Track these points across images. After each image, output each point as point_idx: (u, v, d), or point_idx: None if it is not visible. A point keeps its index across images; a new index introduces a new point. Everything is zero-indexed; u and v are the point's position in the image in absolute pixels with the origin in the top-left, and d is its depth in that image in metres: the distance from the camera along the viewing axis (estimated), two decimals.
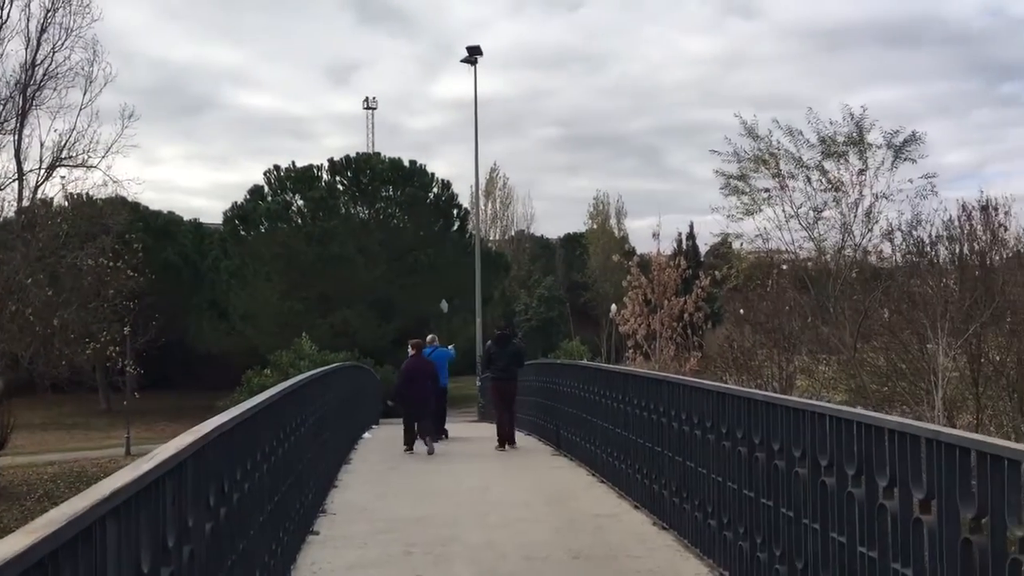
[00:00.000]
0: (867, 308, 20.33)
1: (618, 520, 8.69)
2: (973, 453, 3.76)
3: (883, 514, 4.43)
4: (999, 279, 20.64)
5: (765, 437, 5.98)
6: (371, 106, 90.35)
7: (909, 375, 21.23)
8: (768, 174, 20.27)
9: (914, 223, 21.63)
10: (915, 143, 19.33)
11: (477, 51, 28.83)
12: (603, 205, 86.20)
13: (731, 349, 19.53)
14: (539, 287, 69.43)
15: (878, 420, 4.60)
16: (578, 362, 12.94)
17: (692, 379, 8.22)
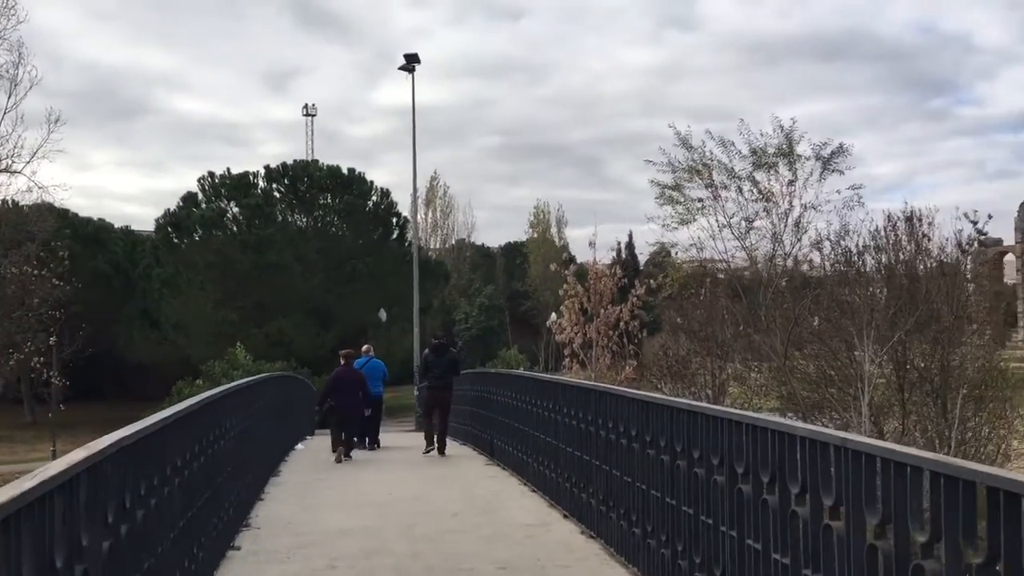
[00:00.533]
0: (797, 316, 20.74)
1: (547, 530, 8.67)
2: (878, 460, 3.81)
3: (795, 521, 4.47)
4: (923, 288, 21.22)
5: (686, 445, 6.01)
6: (310, 113, 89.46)
7: (838, 382, 21.69)
8: (702, 184, 20.63)
9: (842, 233, 22.16)
10: (842, 155, 19.86)
11: (415, 59, 28.69)
12: (544, 214, 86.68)
13: (666, 357, 19.74)
14: (479, 296, 69.38)
15: (790, 428, 4.65)
16: (510, 371, 12.94)
17: (616, 387, 8.25)
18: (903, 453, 3.68)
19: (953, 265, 21.42)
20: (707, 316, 19.78)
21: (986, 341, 22.19)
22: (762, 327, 20.62)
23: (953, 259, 21.59)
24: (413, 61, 28.75)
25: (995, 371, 21.63)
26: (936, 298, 21.81)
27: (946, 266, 21.16)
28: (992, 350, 21.69)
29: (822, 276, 23.31)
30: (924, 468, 3.48)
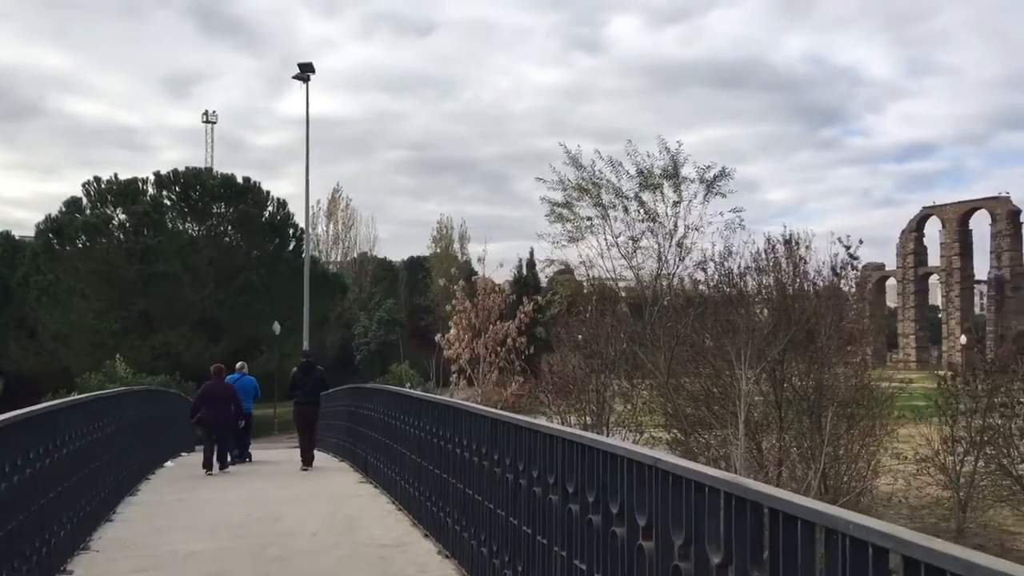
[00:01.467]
0: (680, 334, 21.12)
1: (405, 550, 8.48)
2: (684, 481, 3.80)
3: (614, 541, 4.44)
4: (799, 309, 21.90)
5: (527, 464, 5.95)
6: (210, 120, 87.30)
7: (720, 399, 22.15)
8: (591, 203, 20.84)
9: (726, 254, 22.69)
10: (725, 178, 20.40)
11: (309, 68, 28.24)
12: (447, 229, 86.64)
13: (551, 375, 19.81)
14: (379, 310, 68.57)
15: (611, 447, 4.62)
16: (380, 386, 12.73)
17: (467, 404, 8.14)
18: (700, 473, 3.67)
19: (829, 287, 22.19)
20: (593, 333, 19.97)
21: (858, 360, 23.04)
22: (647, 345, 20.92)
23: (828, 281, 22.35)
24: (307, 71, 28.28)
25: (866, 390, 22.49)
26: (812, 319, 22.59)
27: (820, 288, 21.90)
28: (863, 369, 22.52)
29: (705, 296, 23.83)
30: (720, 489, 3.49)
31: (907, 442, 23.72)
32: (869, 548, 2.61)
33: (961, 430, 21.41)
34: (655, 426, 23.09)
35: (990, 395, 20.77)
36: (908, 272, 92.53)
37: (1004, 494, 21.83)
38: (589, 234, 20.94)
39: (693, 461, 17.62)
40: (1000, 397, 21.13)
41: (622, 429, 20.15)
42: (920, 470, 22.01)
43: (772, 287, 23.35)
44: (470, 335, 20.63)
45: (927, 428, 22.86)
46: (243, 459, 17.21)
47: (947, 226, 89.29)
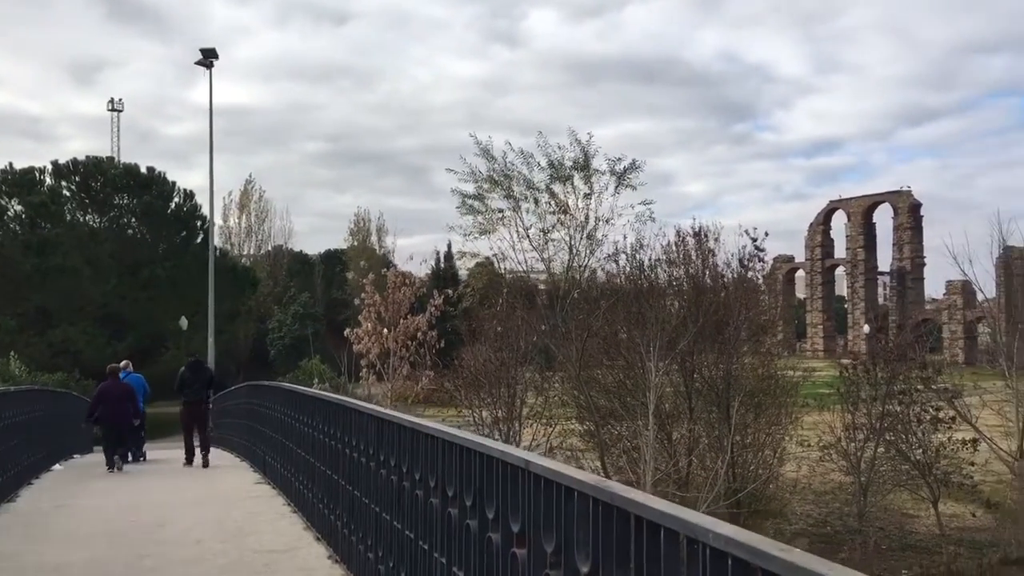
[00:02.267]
0: (591, 327, 21.13)
1: (293, 556, 8.11)
2: (554, 485, 3.58)
3: (490, 547, 4.21)
4: (708, 300, 22.19)
5: (411, 465, 5.67)
6: (116, 108, 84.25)
7: (632, 391, 22.26)
8: (501, 195, 20.62)
9: (637, 246, 22.82)
10: (635, 171, 20.43)
11: (212, 54, 27.22)
12: (364, 222, 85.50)
13: (461, 368, 19.56)
14: (294, 304, 67.15)
15: (486, 448, 4.37)
16: (276, 383, 12.30)
17: (356, 402, 7.81)
18: (569, 477, 3.45)
19: (737, 279, 22.51)
20: (503, 326, 19.79)
21: (765, 351, 23.48)
22: (559, 337, 20.86)
23: (736, 274, 22.68)
24: (210, 56, 27.27)
25: (772, 379, 22.94)
26: (720, 310, 22.89)
27: (728, 280, 22.20)
28: (770, 359, 22.94)
29: (616, 288, 23.92)
30: (588, 494, 3.27)
31: (813, 429, 24.31)
32: (729, 560, 2.42)
33: (862, 417, 22.02)
34: (568, 418, 23.10)
35: (888, 383, 21.40)
36: (816, 264, 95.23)
37: (903, 479, 22.55)
38: (501, 226, 20.74)
39: (605, 453, 17.53)
40: (899, 384, 21.80)
41: (532, 422, 20.03)
42: (823, 456, 22.57)
43: (683, 279, 23.62)
44: (380, 329, 20.23)
45: (830, 416, 23.45)
46: (137, 459, 17.44)
47: (852, 219, 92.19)
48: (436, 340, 19.50)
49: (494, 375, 19.34)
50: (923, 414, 21.11)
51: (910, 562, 23.73)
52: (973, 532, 25.70)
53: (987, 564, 22.95)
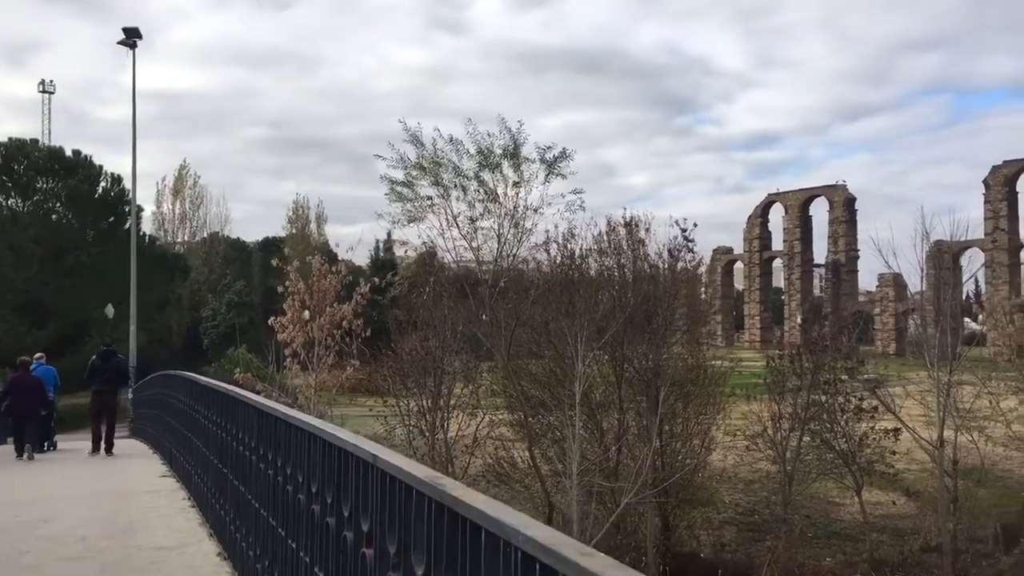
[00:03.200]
0: (520, 316, 20.97)
1: (182, 553, 7.75)
2: (397, 482, 3.34)
3: (345, 545, 3.96)
4: (638, 290, 22.19)
5: (284, 459, 5.39)
6: (48, 90, 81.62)
7: (563, 380, 22.16)
8: (430, 182, 20.31)
9: (568, 236, 22.70)
10: (565, 159, 20.26)
11: (136, 34, 26.27)
12: (303, 210, 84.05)
13: (387, 358, 19.25)
14: (228, 292, 65.82)
15: (341, 441, 4.10)
16: (181, 373, 11.89)
17: (243, 392, 7.46)
18: (409, 473, 3.21)
19: (666, 270, 22.54)
20: (430, 316, 19.51)
21: (694, 341, 23.60)
22: (487, 327, 20.66)
23: (666, 264, 22.71)
24: (134, 36, 26.34)
25: (700, 369, 23.06)
26: (650, 300, 22.92)
27: (658, 270, 22.22)
28: (698, 349, 23.05)
29: (548, 276, 23.79)
30: (425, 493, 3.03)
31: (745, 419, 24.55)
32: (536, 565, 2.21)
33: (788, 407, 22.27)
34: (496, 408, 22.94)
35: (814, 373, 21.66)
36: (754, 256, 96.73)
37: (827, 467, 22.88)
38: (431, 214, 20.41)
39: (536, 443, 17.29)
40: (824, 375, 22.08)
41: (459, 412, 19.81)
42: (748, 446, 22.79)
43: (613, 268, 23.59)
44: (304, 317, 19.74)
45: (758, 405, 23.69)
46: (47, 448, 17.63)
47: (789, 212, 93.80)
48: (363, 329, 19.09)
49: (420, 364, 19.06)
50: (847, 404, 21.40)
51: (835, 550, 24.13)
52: (896, 520, 26.25)
53: (908, 551, 23.45)
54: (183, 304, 60.13)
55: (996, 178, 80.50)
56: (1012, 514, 25.68)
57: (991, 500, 27.11)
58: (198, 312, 67.07)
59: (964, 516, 23.19)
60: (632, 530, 22.09)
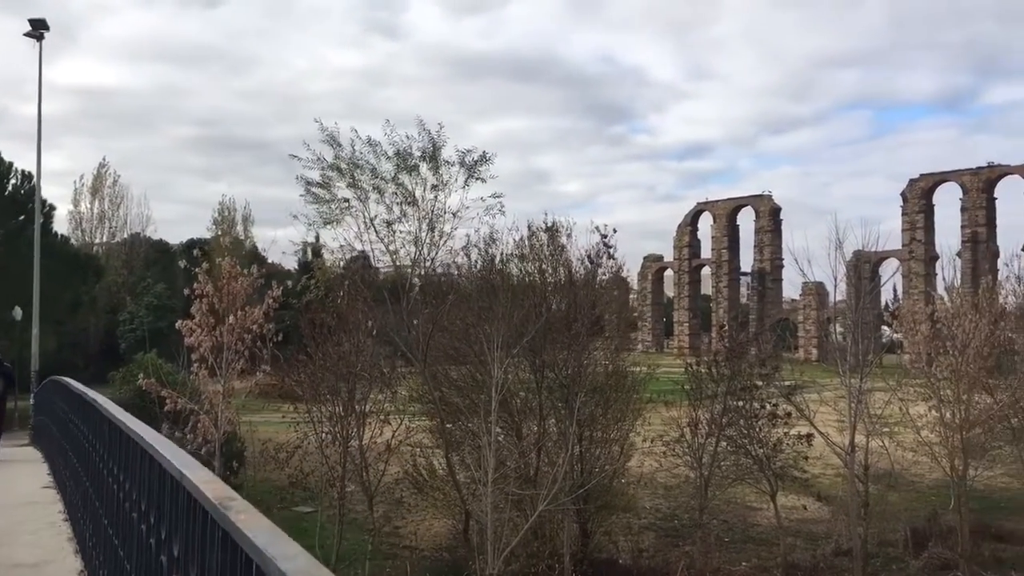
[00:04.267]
0: (438, 321, 20.67)
1: (41, 571, 7.26)
2: (198, 504, 3.02)
3: (160, 570, 3.62)
4: (558, 296, 22.11)
5: (123, 472, 5.00)
6: None
7: (482, 386, 21.90)
8: (346, 184, 19.89)
9: (489, 241, 22.48)
10: (486, 163, 20.07)
11: (42, 25, 25.20)
12: (229, 211, 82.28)
13: (299, 363, 18.76)
14: (147, 295, 63.91)
15: (158, 455, 3.76)
16: (60, 379, 11.30)
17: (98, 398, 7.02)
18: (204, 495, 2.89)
19: (585, 276, 22.49)
20: (345, 319, 19.06)
21: (614, 347, 23.61)
22: (404, 333, 20.29)
23: (587, 270, 22.67)
24: (40, 27, 25.27)
25: (620, 375, 23.08)
26: (571, 306, 22.85)
27: (577, 276, 22.16)
28: (617, 355, 23.05)
29: (468, 281, 23.54)
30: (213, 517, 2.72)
31: (665, 425, 24.61)
32: None
33: (706, 413, 22.39)
34: (414, 415, 22.57)
35: (730, 380, 21.83)
36: (683, 264, 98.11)
37: (744, 473, 23.07)
38: (349, 216, 19.97)
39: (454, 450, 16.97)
40: (740, 381, 22.26)
41: (373, 420, 19.40)
42: (666, 452, 22.86)
43: (535, 274, 23.46)
44: (213, 322, 19.11)
45: (677, 411, 23.77)
46: None
47: (717, 221, 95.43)
48: (274, 333, 18.53)
49: (333, 369, 18.60)
50: (761, 410, 21.61)
51: (750, 554, 24.37)
52: (810, 524, 26.65)
53: (821, 555, 23.80)
54: (98, 307, 58.14)
55: (913, 191, 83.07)
56: (921, 518, 26.31)
57: (901, 504, 27.76)
58: (116, 315, 64.98)
59: (875, 520, 23.63)
60: (550, 536, 21.92)
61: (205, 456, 18.35)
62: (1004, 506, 28.39)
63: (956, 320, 22.56)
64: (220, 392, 18.87)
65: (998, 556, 23.57)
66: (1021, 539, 24.81)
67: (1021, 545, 24.32)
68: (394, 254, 19.99)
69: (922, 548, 24.15)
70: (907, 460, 27.72)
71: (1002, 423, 23.77)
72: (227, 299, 19.15)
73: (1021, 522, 26.10)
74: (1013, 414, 24.02)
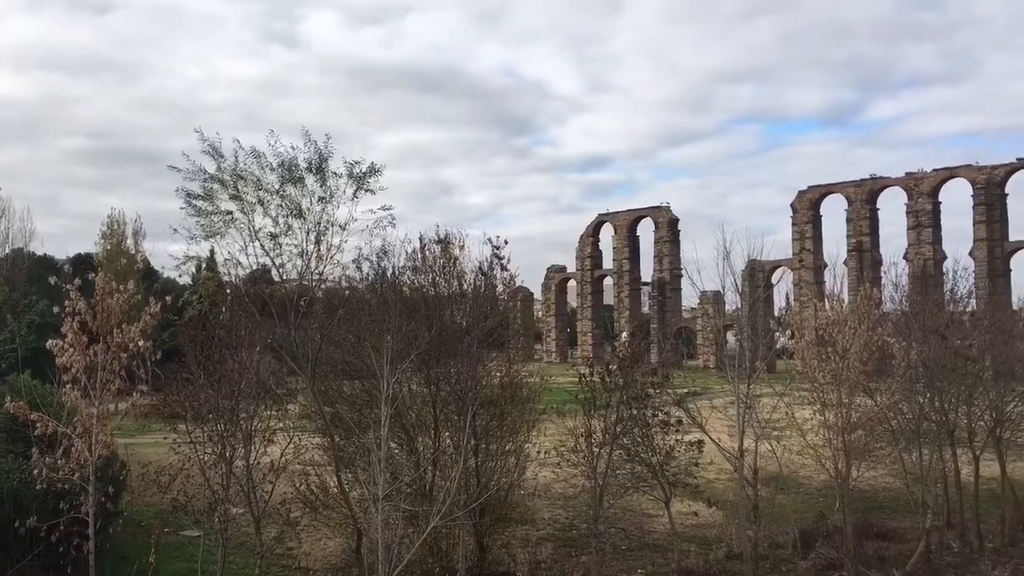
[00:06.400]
0: (327, 335, 20.23)
1: None
2: None
3: None
4: (451, 308, 21.95)
5: None
6: None
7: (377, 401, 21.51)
8: (229, 196, 19.24)
9: (382, 253, 22.15)
10: (375, 175, 19.73)
11: None
12: (118, 225, 79.17)
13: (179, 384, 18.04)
14: (29, 312, 60.92)
15: None
16: None
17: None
18: None
19: (478, 288, 22.41)
20: (229, 337, 18.42)
21: (507, 359, 23.58)
22: (295, 347, 19.74)
23: (480, 282, 22.58)
24: None
25: (515, 386, 23.06)
26: (466, 318, 22.73)
27: (469, 288, 22.07)
28: (510, 367, 23.03)
29: (358, 294, 23.15)
30: None
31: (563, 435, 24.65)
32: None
33: (600, 422, 22.52)
34: (305, 431, 22.02)
35: (624, 389, 22.01)
36: (586, 274, 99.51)
37: (638, 481, 23.30)
38: (233, 229, 19.28)
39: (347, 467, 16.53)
40: (633, 390, 22.47)
41: (261, 437, 18.81)
42: (560, 462, 22.94)
43: (428, 287, 23.24)
44: (86, 340, 18.18)
45: (573, 421, 23.86)
46: None
47: (618, 232, 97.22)
48: (153, 352, 17.73)
49: (215, 388, 17.94)
50: (653, 418, 21.88)
51: (645, 561, 24.64)
52: (704, 529, 27.17)
53: (713, 559, 24.23)
54: None
55: (802, 202, 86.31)
56: (809, 519, 27.14)
57: (790, 506, 28.57)
58: None
59: (765, 523, 24.22)
60: (446, 552, 21.69)
61: (79, 482, 17.48)
62: (887, 505, 29.55)
63: (837, 327, 23.34)
64: (94, 415, 17.97)
65: (881, 554, 24.47)
66: (902, 537, 25.84)
67: (902, 543, 25.32)
68: (280, 268, 19.43)
69: (810, 548, 24.89)
70: (795, 463, 28.58)
71: (882, 425, 24.69)
72: (101, 316, 18.28)
73: (902, 521, 27.20)
74: (892, 416, 25.01)
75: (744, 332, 23.34)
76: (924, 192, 78.66)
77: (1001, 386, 27.38)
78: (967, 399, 26.24)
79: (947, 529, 26.50)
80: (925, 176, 79.57)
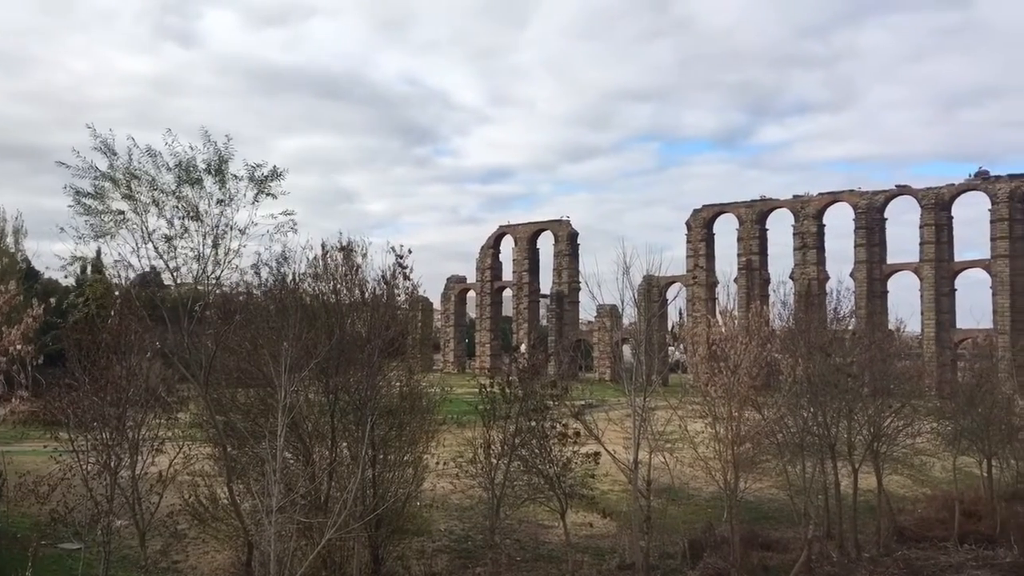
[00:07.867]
0: (222, 342, 19.66)
1: None
2: None
3: None
4: (351, 317, 21.69)
5: None
6: None
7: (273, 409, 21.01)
8: (121, 195, 18.49)
9: (282, 259, 21.70)
10: (277, 179, 19.32)
11: None
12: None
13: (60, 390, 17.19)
14: None
15: None
16: None
17: None
18: None
19: (379, 296, 22.21)
20: (115, 342, 17.67)
21: (408, 368, 23.45)
22: (188, 354, 19.10)
23: (382, 290, 22.40)
24: None
25: (415, 396, 22.92)
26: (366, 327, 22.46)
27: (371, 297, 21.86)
28: (409, 377, 22.91)
29: (255, 301, 22.61)
30: None
31: (461, 446, 24.62)
32: None
33: (499, 433, 22.61)
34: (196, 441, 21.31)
35: (523, 400, 22.16)
36: (485, 285, 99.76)
37: (535, 492, 23.47)
38: (125, 230, 18.49)
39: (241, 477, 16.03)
40: (532, 402, 22.65)
41: (149, 446, 18.10)
42: (458, 473, 22.91)
43: (329, 294, 22.88)
44: None
45: (471, 432, 23.88)
46: None
47: (518, 244, 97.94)
48: (34, 356, 16.89)
49: (100, 394, 17.18)
50: (551, 430, 22.08)
51: (540, 572, 24.82)
52: (598, 539, 27.57)
53: (606, 569, 24.63)
54: None
55: (696, 220, 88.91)
56: (698, 529, 27.88)
57: (681, 517, 29.32)
58: None
59: (657, 533, 24.75)
60: (340, 564, 21.33)
61: None
62: (772, 516, 30.66)
63: (729, 342, 24.15)
64: None
65: (765, 564, 25.35)
66: (786, 547, 26.84)
67: (785, 552, 26.30)
68: (175, 271, 18.79)
69: (699, 559, 25.56)
70: (687, 475, 29.34)
71: (769, 438, 25.64)
72: None
73: (786, 531, 28.27)
74: (779, 430, 26.01)
75: (641, 346, 23.84)
76: (810, 215, 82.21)
77: (879, 402, 28.79)
78: (847, 414, 27.47)
79: (827, 539, 27.63)
80: (811, 199, 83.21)
